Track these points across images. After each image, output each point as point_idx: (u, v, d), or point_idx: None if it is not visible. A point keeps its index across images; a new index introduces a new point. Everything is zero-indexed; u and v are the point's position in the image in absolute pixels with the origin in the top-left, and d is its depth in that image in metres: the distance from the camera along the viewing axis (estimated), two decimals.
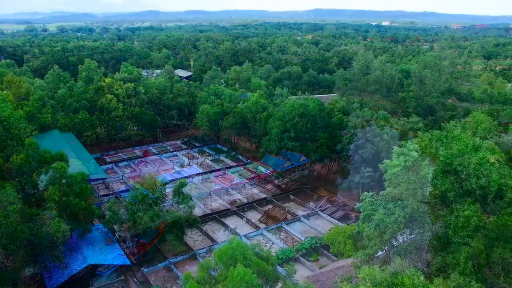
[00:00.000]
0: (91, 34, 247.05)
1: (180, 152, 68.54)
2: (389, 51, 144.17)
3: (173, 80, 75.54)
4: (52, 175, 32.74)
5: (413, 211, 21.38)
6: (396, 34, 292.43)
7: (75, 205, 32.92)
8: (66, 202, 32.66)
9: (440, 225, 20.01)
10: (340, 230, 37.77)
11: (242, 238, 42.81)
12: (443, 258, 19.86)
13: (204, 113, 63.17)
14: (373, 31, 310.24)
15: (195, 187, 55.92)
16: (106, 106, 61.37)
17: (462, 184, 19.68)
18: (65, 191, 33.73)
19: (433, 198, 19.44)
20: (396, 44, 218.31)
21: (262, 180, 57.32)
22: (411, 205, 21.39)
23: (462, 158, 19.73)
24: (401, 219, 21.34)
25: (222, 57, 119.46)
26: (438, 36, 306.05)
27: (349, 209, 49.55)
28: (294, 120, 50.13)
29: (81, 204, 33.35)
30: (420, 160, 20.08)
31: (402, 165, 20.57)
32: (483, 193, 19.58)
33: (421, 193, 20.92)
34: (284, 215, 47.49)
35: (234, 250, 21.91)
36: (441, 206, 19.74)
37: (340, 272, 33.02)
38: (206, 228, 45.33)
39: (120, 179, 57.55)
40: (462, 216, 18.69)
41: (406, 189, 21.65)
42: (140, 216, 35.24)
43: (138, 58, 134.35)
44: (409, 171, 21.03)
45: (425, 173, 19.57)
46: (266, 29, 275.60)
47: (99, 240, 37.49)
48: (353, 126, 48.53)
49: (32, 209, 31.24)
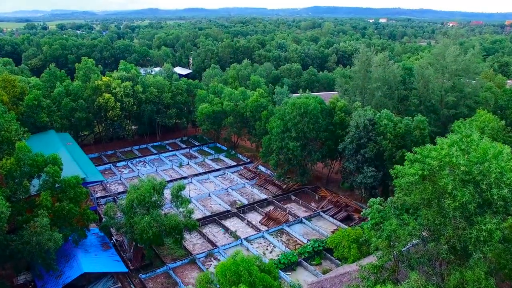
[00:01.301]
0: (91, 32, 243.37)
1: (179, 152, 66.57)
2: (387, 48, 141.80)
3: (172, 79, 73.18)
4: (44, 180, 30.76)
5: (428, 223, 19.47)
6: (393, 31, 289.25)
7: (69, 211, 30.99)
8: (59, 208, 30.72)
9: (459, 238, 18.11)
10: (344, 234, 35.92)
11: (243, 241, 41.06)
12: (461, 273, 17.99)
13: (203, 112, 61.06)
14: (370, 28, 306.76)
15: (195, 188, 54.07)
16: (103, 106, 59.18)
17: (482, 194, 17.74)
18: (58, 196, 31.83)
19: (452, 210, 17.48)
20: (394, 41, 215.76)
21: (263, 180, 55.45)
22: (426, 216, 19.48)
23: (482, 166, 17.75)
24: (416, 231, 19.45)
25: (221, 55, 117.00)
26: (435, 33, 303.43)
27: (351, 210, 47.77)
28: (295, 119, 48.10)
29: (75, 210, 31.43)
30: (439, 169, 18.09)
31: (420, 174, 18.57)
32: (505, 204, 17.67)
33: (437, 204, 18.98)
34: (286, 217, 45.67)
35: (238, 266, 19.97)
36: (460, 219, 17.78)
37: (345, 279, 31.21)
38: (206, 231, 43.51)
39: (118, 180, 55.61)
40: (484, 230, 16.80)
41: (421, 198, 19.72)
42: (136, 222, 33.34)
43: (138, 56, 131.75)
44: (425, 179, 19.06)
45: (444, 184, 17.61)
46: (265, 26, 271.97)
47: (95, 245, 35.65)
48: (355, 125, 46.48)
49: (24, 216, 29.32)
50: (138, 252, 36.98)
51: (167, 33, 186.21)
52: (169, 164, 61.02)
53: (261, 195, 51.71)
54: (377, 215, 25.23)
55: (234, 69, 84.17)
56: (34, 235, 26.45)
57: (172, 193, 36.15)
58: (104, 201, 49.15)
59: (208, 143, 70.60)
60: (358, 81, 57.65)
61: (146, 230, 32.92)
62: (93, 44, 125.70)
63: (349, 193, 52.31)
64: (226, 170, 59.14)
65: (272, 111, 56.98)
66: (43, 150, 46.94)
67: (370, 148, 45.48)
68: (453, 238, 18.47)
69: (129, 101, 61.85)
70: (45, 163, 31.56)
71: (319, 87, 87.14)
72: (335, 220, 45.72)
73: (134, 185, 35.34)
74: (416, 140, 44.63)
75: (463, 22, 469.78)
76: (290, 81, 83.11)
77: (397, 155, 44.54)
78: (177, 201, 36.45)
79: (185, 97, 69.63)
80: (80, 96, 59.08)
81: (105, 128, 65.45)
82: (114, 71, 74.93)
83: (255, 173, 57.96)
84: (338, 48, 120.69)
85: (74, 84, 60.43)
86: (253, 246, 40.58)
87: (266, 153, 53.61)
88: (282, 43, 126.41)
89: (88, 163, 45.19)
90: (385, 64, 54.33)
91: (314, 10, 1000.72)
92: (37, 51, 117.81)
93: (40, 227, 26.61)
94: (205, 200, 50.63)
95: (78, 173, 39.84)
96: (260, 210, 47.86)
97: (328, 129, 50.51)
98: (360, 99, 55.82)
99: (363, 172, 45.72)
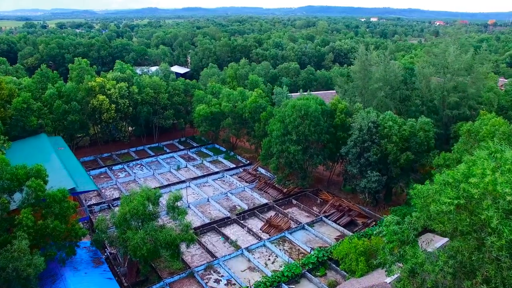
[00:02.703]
0: (90, 31, 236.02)
1: (177, 153, 62.44)
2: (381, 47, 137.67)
3: (169, 79, 68.70)
4: (25, 196, 26.68)
5: (463, 258, 15.77)
6: (385, 30, 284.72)
7: (54, 229, 26.97)
8: (42, 227, 26.69)
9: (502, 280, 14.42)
10: (351, 245, 32.30)
11: (244, 251, 37.37)
12: None
13: (201, 114, 56.89)
14: (363, 27, 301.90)
15: (193, 192, 50.17)
16: (97, 108, 54.79)
17: None
18: (42, 212, 27.78)
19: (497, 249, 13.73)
20: (386, 39, 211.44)
21: (263, 183, 51.67)
22: (461, 251, 15.77)
23: None
24: (449, 269, 15.77)
25: (219, 54, 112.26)
26: (424, 32, 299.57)
27: (354, 215, 44.22)
28: (295, 122, 44.20)
29: (61, 228, 27.40)
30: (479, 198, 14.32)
31: (455, 203, 14.80)
32: None
33: (474, 238, 15.25)
34: (288, 224, 41.98)
35: None
36: (506, 257, 14.04)
37: None
38: (205, 240, 39.74)
39: (114, 185, 51.54)
40: None
41: (453, 229, 15.98)
42: (129, 238, 29.47)
43: (136, 55, 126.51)
44: (460, 208, 15.30)
45: (487, 217, 13.86)
46: (262, 25, 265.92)
47: (86, 261, 31.72)
48: (358, 128, 42.70)
49: (2, 236, 25.27)
50: (132, 267, 33.15)
51: (165, 32, 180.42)
52: (167, 167, 56.94)
53: (261, 199, 47.96)
54: (394, 238, 21.53)
55: (232, 68, 79.83)
56: (11, 260, 22.45)
57: (168, 204, 32.23)
58: (98, 208, 45.23)
59: (207, 144, 66.54)
60: (358, 82, 53.72)
61: (140, 246, 29.11)
62: (91, 43, 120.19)
63: (351, 195, 48.73)
64: (225, 172, 55.22)
65: (271, 112, 53.05)
66: (32, 156, 42.92)
67: (374, 151, 41.81)
68: (494, 278, 14.79)
69: (124, 103, 57.47)
70: (27, 176, 27.40)
71: (317, 86, 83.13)
72: (338, 226, 42.16)
73: (127, 197, 31.35)
74: (421, 142, 41.06)
75: (449, 21, 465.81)
76: (288, 80, 78.96)
77: (401, 158, 40.99)
78: (173, 212, 32.57)
79: (182, 98, 65.33)
80: (73, 98, 54.59)
81: (101, 130, 61.03)
82: (110, 70, 70.23)
83: (254, 176, 54.15)
84: (334, 46, 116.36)
85: (67, 85, 55.81)
86: (255, 256, 36.92)
87: (265, 156, 49.74)
88: (279, 42, 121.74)
89: (80, 170, 41.03)
90: (386, 63, 50.40)
91: (308, 9, 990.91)
92: (34, 50, 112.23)
93: (18, 251, 22.61)
94: (203, 206, 46.77)
95: (67, 182, 35.85)
96: (260, 216, 44.14)
97: (329, 131, 46.70)
98: (360, 100, 51.97)
99: (367, 176, 42.12)
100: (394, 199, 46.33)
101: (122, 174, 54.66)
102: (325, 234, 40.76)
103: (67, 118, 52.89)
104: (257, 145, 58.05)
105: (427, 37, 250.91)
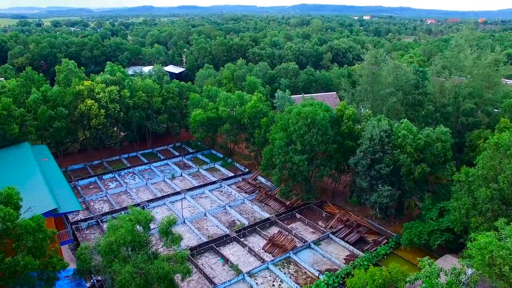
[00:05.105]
0: (85, 29, 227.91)
1: (171, 160, 57.66)
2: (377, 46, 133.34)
3: (162, 81, 63.61)
4: None
5: None
6: (378, 28, 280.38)
7: (25, 266, 22.34)
8: (11, 264, 22.04)
9: None
10: (367, 276, 28.08)
11: (245, 276, 33.03)
12: None
13: (197, 120, 52.11)
14: (356, 25, 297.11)
15: (189, 205, 45.59)
16: (86, 113, 49.74)
17: None
18: (13, 246, 23.11)
19: None
20: (380, 37, 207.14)
21: (263, 195, 47.27)
22: None
23: None
24: None
25: (214, 53, 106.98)
26: (416, 30, 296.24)
27: (364, 231, 40.10)
28: (300, 130, 39.76)
29: (34, 264, 22.78)
30: None
31: None
32: None
33: None
34: (293, 243, 37.65)
35: None
36: None
37: None
38: (202, 262, 35.31)
39: (103, 197, 46.75)
40: None
41: None
42: (116, 271, 24.96)
43: (130, 54, 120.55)
44: None
45: None
46: (256, 23, 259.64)
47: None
48: (369, 138, 38.40)
49: None
50: None
51: (160, 30, 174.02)
52: (161, 176, 52.19)
53: (262, 213, 43.57)
54: None
55: (229, 69, 74.84)
56: None
57: (161, 229, 27.71)
58: (86, 225, 40.53)
59: (203, 150, 61.79)
60: (366, 86, 49.33)
61: (128, 282, 24.63)
62: (83, 42, 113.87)
63: (358, 207, 44.55)
64: (223, 182, 50.68)
65: (272, 118, 48.53)
66: (10, 170, 37.81)
67: (386, 163, 37.60)
68: None
69: (115, 107, 52.43)
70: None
71: (317, 87, 78.59)
72: (347, 244, 38.00)
73: (113, 224, 26.70)
74: (437, 153, 36.93)
75: (441, 20, 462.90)
76: (287, 81, 74.26)
77: (415, 170, 36.85)
78: (167, 239, 28.06)
79: (177, 101, 60.38)
80: (59, 103, 49.46)
81: (90, 136, 55.95)
82: (100, 72, 64.92)
83: (254, 186, 49.70)
84: (332, 45, 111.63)
85: (53, 89, 50.58)
86: (258, 282, 32.63)
87: (266, 166, 45.29)
88: (276, 41, 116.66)
89: (65, 185, 36.19)
90: (398, 66, 46.02)
91: (302, 8, 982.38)
92: (24, 49, 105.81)
93: None
94: (200, 221, 42.26)
95: (48, 202, 31.10)
96: (262, 233, 39.79)
97: (335, 140, 42.32)
98: (369, 106, 47.64)
99: (378, 190, 37.95)
100: (406, 213, 42.26)
101: (113, 184, 49.86)
102: (333, 254, 36.61)
103: (53, 124, 47.85)
104: (256, 152, 53.54)
105: (420, 36, 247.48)
